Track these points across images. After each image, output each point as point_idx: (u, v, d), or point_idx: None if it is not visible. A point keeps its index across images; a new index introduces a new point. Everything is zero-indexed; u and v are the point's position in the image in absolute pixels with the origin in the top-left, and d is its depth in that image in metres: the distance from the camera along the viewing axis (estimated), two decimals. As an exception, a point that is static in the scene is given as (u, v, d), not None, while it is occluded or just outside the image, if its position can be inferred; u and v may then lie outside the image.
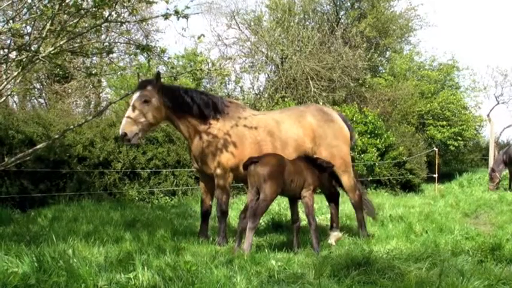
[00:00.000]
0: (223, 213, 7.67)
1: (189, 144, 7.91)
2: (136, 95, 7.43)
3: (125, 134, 7.20)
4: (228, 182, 7.73)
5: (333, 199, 8.40)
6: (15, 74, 7.54)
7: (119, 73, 15.91)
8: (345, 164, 8.21)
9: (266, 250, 6.66)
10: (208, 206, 7.97)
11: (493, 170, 19.42)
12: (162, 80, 7.31)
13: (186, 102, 7.65)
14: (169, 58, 9.96)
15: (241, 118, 7.86)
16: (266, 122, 7.96)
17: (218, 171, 7.58)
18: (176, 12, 7.31)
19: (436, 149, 19.27)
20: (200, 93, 8.00)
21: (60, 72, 18.10)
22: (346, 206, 10.68)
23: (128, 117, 7.28)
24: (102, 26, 7.92)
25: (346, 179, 8.23)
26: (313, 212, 7.32)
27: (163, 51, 8.62)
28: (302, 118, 8.13)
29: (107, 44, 9.61)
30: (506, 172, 19.80)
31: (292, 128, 7.98)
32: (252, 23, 22.17)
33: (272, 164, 6.75)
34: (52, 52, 7.31)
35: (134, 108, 7.33)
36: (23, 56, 7.31)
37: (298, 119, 8.10)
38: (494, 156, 20.93)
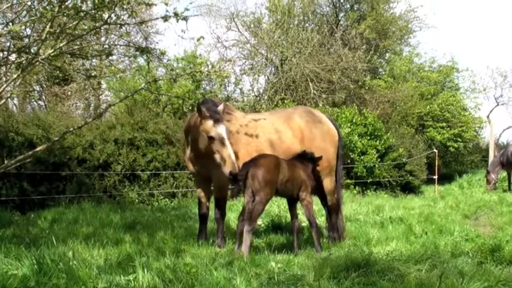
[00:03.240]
0: (222, 215, 7.66)
1: (185, 147, 7.89)
2: (226, 129, 7.17)
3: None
4: (226, 184, 7.72)
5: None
6: (15, 76, 7.54)
7: (118, 75, 15.94)
8: (330, 167, 8.21)
9: (266, 252, 6.67)
10: (206, 208, 7.94)
11: (488, 172, 19.44)
12: (162, 82, 7.29)
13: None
14: (168, 60, 9.98)
15: (236, 120, 7.87)
16: (258, 123, 7.97)
17: (216, 172, 7.55)
18: (176, 15, 7.31)
19: (436, 151, 19.28)
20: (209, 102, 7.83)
21: (60, 75, 18.07)
22: (346, 208, 10.67)
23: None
24: (102, 28, 7.93)
25: (328, 182, 8.23)
26: (314, 213, 7.33)
27: (162, 53, 8.62)
28: (290, 120, 8.12)
29: (106, 46, 9.59)
30: (505, 174, 19.84)
31: (283, 130, 7.98)
32: (252, 25, 22.19)
33: (266, 166, 6.75)
34: (52, 54, 7.32)
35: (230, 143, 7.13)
36: (23, 58, 7.32)
37: (286, 121, 8.10)
38: (494, 157, 20.93)
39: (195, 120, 7.51)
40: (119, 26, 7.98)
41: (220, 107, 7.37)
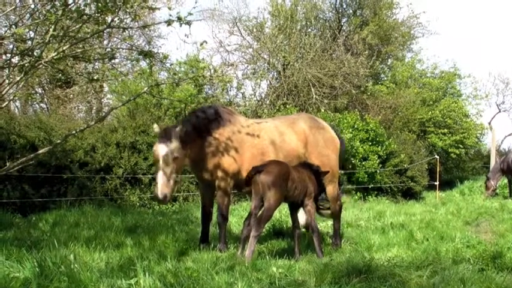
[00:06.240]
0: (224, 219, 7.65)
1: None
2: (163, 151, 7.05)
3: (166, 196, 6.95)
4: (230, 188, 7.72)
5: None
6: (18, 78, 7.56)
7: (120, 79, 15.95)
8: (333, 173, 8.19)
9: (267, 257, 6.66)
10: (208, 212, 7.96)
11: (488, 179, 19.42)
12: (164, 86, 7.28)
13: (198, 130, 7.58)
14: (171, 64, 9.98)
15: (240, 124, 7.88)
16: (260, 126, 8.00)
17: (219, 176, 7.58)
18: (179, 19, 7.34)
19: (437, 157, 19.27)
20: (205, 111, 7.87)
21: (62, 78, 18.11)
22: (347, 214, 10.66)
23: (163, 177, 6.98)
24: (105, 31, 7.95)
25: (331, 189, 8.25)
26: (315, 219, 7.34)
27: (165, 57, 8.65)
28: (294, 124, 8.19)
29: (109, 49, 9.63)
30: (506, 180, 19.82)
31: (287, 133, 8.03)
32: (254, 30, 22.20)
33: (276, 172, 6.77)
34: (55, 57, 7.34)
35: (166, 166, 7.02)
36: (26, 61, 7.34)
37: (290, 125, 8.16)
38: (495, 164, 20.92)
39: None
40: (121, 29, 8.02)
41: (178, 129, 7.25)
